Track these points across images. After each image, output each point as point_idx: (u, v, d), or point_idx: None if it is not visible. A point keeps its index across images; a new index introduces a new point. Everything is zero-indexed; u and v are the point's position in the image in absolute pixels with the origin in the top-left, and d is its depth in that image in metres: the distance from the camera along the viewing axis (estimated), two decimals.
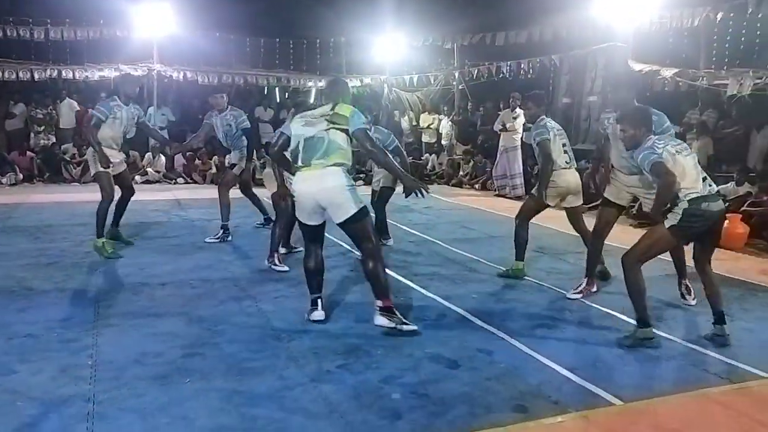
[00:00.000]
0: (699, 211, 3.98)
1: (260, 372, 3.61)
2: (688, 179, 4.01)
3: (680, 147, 4.14)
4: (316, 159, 4.19)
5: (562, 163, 5.59)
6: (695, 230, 4.07)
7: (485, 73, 14.24)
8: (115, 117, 6.31)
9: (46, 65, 13.21)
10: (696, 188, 4.01)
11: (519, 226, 5.79)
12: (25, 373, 3.51)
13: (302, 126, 4.30)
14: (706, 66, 10.68)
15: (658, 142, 4.09)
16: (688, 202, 3.98)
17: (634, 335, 4.13)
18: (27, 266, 5.84)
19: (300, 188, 4.29)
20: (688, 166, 4.05)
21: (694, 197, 3.99)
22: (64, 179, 12.63)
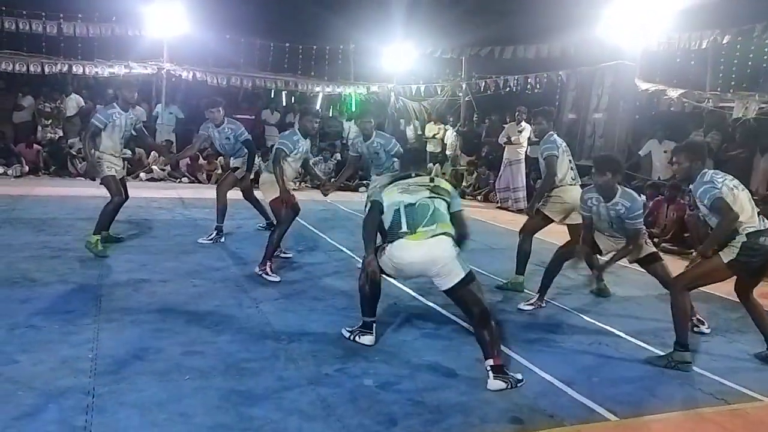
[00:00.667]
0: (758, 245, 4.01)
1: (259, 372, 3.63)
2: (745, 214, 4.04)
3: (736, 182, 4.17)
4: (423, 227, 3.90)
5: (568, 179, 5.63)
6: (753, 265, 4.09)
7: (492, 86, 14.32)
8: (114, 124, 6.31)
9: (56, 59, 13.28)
10: (753, 223, 4.04)
11: (523, 240, 5.83)
12: (26, 363, 3.54)
13: (399, 193, 4.05)
14: (712, 88, 10.74)
15: (717, 177, 4.11)
16: (747, 236, 4.01)
17: (671, 356, 4.13)
18: (30, 258, 5.87)
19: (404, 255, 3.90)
20: (744, 201, 4.08)
21: (753, 231, 4.02)
22: (70, 173, 12.67)
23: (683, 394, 3.74)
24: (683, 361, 4.09)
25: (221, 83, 14.54)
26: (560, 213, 5.65)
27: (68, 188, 10.78)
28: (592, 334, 4.77)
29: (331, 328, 4.47)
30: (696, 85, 10.89)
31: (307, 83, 15.81)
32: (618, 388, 3.77)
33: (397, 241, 3.93)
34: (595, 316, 5.15)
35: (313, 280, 5.80)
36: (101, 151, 6.30)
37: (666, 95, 10.62)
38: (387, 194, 4.11)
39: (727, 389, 3.84)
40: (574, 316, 5.17)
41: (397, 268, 3.99)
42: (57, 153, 12.89)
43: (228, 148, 7.30)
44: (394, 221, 3.99)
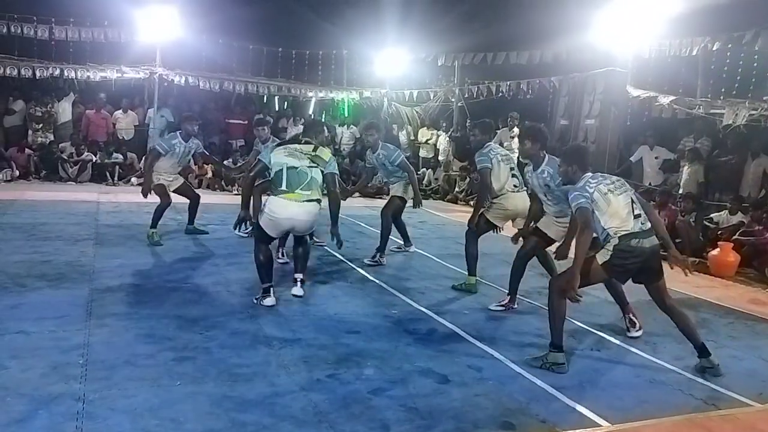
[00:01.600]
0: (629, 248, 4.03)
1: (251, 378, 3.62)
2: (617, 218, 4.06)
3: (615, 185, 4.17)
4: (301, 190, 4.95)
5: (510, 187, 5.76)
6: (628, 266, 4.10)
7: (485, 92, 14.36)
8: (174, 153, 7.32)
9: (48, 63, 13.21)
10: (626, 226, 4.05)
11: (468, 243, 5.93)
12: (15, 369, 3.51)
13: (285, 156, 5.02)
14: (702, 95, 10.81)
15: (592, 182, 4.15)
16: (619, 239, 4.03)
17: (545, 358, 4.12)
18: (20, 263, 5.84)
19: (280, 211, 4.98)
20: (620, 205, 4.09)
21: (625, 234, 4.04)
22: (61, 178, 12.61)
23: (674, 400, 3.75)
24: (556, 362, 4.08)
25: (214, 88, 14.49)
26: (503, 219, 5.85)
27: (59, 193, 10.73)
28: (583, 339, 4.78)
29: (323, 334, 4.47)
30: (687, 91, 10.95)
31: (300, 88, 15.80)
32: (610, 394, 3.78)
33: (276, 198, 4.97)
34: (586, 322, 5.16)
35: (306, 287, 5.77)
36: (154, 169, 7.29)
37: (657, 102, 10.68)
38: (275, 155, 5.05)
39: (718, 395, 3.86)
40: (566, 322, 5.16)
41: (273, 221, 5.00)
42: (48, 157, 12.83)
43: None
44: (276, 179, 4.99)
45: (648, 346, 4.66)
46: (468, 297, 5.76)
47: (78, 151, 12.88)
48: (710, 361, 4.16)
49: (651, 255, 4.12)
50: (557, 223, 5.12)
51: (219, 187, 13.18)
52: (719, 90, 10.83)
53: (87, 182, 12.68)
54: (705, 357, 4.18)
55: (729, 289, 6.88)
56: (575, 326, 5.08)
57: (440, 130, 15.85)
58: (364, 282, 6.12)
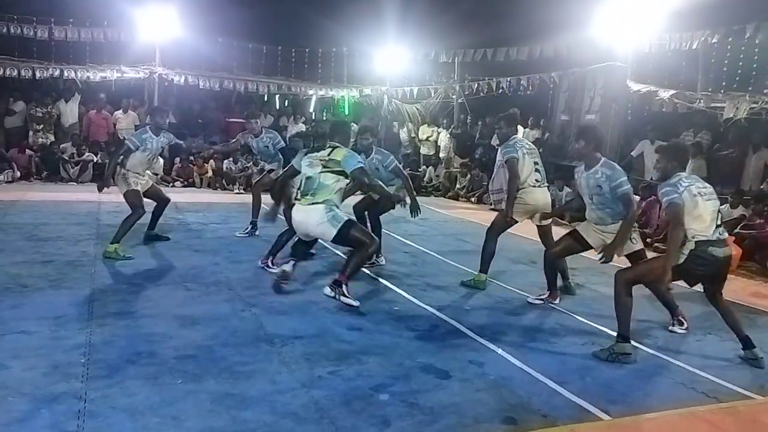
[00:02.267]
0: (705, 254, 4.07)
1: (252, 375, 3.62)
2: (701, 222, 4.09)
3: (705, 191, 4.20)
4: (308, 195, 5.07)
5: (531, 181, 5.71)
6: (697, 272, 4.16)
7: (485, 88, 14.36)
8: (146, 148, 6.70)
9: (48, 64, 13.23)
10: (707, 233, 4.09)
11: (488, 240, 5.87)
12: (17, 368, 3.52)
13: (306, 165, 5.16)
14: (703, 89, 10.79)
15: (684, 181, 4.15)
16: (695, 244, 4.07)
17: (611, 349, 4.18)
18: (22, 263, 5.84)
19: (294, 216, 5.20)
20: (705, 210, 4.11)
21: (702, 240, 4.07)
22: (62, 178, 12.62)
23: (676, 393, 3.75)
24: (624, 352, 4.14)
25: (214, 87, 14.51)
26: (522, 214, 5.76)
27: (60, 193, 10.73)
28: (584, 334, 4.78)
29: (324, 331, 4.47)
30: (687, 85, 10.94)
31: (300, 86, 15.81)
32: (611, 388, 3.78)
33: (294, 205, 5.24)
34: (588, 316, 5.16)
35: (306, 284, 5.79)
36: (127, 169, 6.63)
37: (658, 96, 10.67)
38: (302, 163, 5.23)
39: (720, 388, 3.85)
40: (567, 317, 5.18)
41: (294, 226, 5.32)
42: (49, 158, 12.84)
43: (265, 154, 8.16)
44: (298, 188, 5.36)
45: (650, 340, 4.66)
46: (469, 293, 5.76)
47: (79, 152, 12.89)
48: (753, 353, 4.26)
49: (723, 264, 4.18)
50: (597, 231, 5.02)
51: (220, 186, 13.19)
52: (720, 83, 10.81)
53: (88, 182, 12.68)
54: (749, 349, 4.28)
55: (730, 283, 6.79)
56: (577, 320, 5.08)
57: (441, 127, 15.84)
58: (364, 279, 6.12)
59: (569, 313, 5.26)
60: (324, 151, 5.15)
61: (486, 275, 5.91)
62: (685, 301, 5.91)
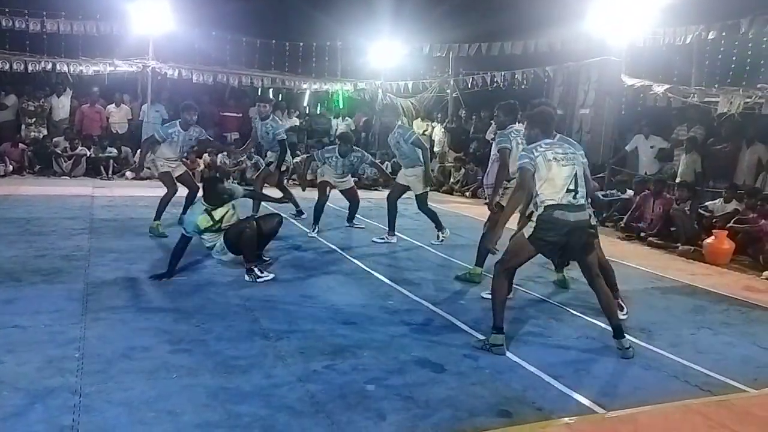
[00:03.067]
0: (550, 218, 4.00)
1: (247, 369, 3.62)
2: (550, 187, 4.03)
3: (563, 155, 4.09)
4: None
5: None
6: (551, 240, 4.06)
7: (479, 82, 14.35)
8: (172, 141, 7.32)
9: (40, 57, 13.15)
10: (554, 198, 4.01)
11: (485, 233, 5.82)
12: (11, 363, 3.50)
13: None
14: (697, 83, 10.82)
15: (542, 146, 4.10)
16: (544, 209, 4.03)
17: (486, 340, 4.17)
18: (15, 258, 5.82)
19: None
20: (558, 176, 4.03)
21: (550, 204, 4.02)
22: (55, 172, 12.56)
23: (670, 386, 3.77)
24: (496, 344, 4.10)
25: (207, 81, 14.46)
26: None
27: (53, 187, 10.69)
28: (579, 327, 4.80)
29: (319, 325, 4.47)
30: (681, 80, 10.96)
31: (294, 80, 15.76)
32: (605, 381, 3.80)
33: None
34: (582, 310, 5.17)
35: (302, 278, 5.79)
36: (156, 156, 7.40)
37: (651, 90, 10.69)
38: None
39: (713, 381, 3.87)
40: (561, 310, 5.19)
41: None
42: (42, 152, 12.77)
43: (266, 141, 8.32)
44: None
45: (643, 333, 4.67)
46: (465, 288, 5.76)
47: (72, 146, 12.83)
48: (621, 343, 4.16)
49: (576, 230, 4.05)
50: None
51: None
52: (714, 78, 10.84)
53: (81, 176, 12.63)
54: (618, 339, 4.17)
55: (724, 277, 6.91)
56: (571, 314, 5.10)
57: (435, 121, 15.83)
58: (359, 273, 6.12)
59: (563, 307, 5.27)
60: None
61: (481, 269, 5.92)
62: (676, 294, 5.96)
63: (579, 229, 4.07)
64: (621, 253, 7.50)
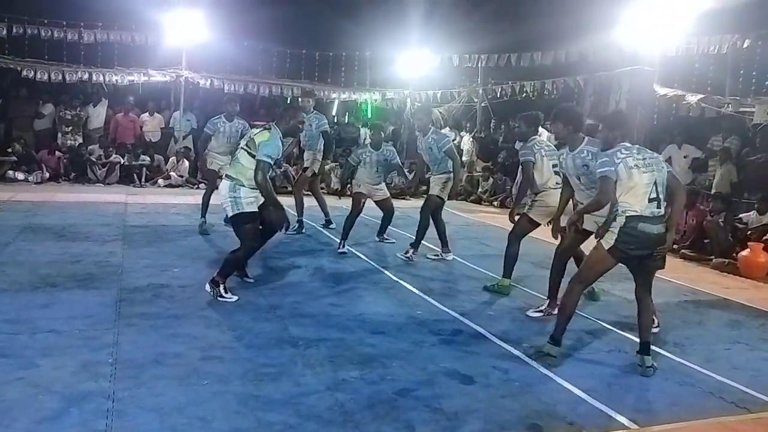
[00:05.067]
0: (635, 231, 3.92)
1: (277, 377, 3.64)
2: (632, 196, 3.94)
3: (643, 162, 3.98)
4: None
5: (552, 184, 5.61)
6: (631, 252, 3.99)
7: (508, 92, 14.28)
8: (219, 131, 7.62)
9: (77, 67, 13.46)
10: (637, 208, 3.93)
11: (510, 244, 5.81)
12: (47, 367, 3.58)
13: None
14: (732, 93, 10.62)
15: (623, 152, 3.99)
16: (625, 219, 3.93)
17: (541, 348, 4.18)
18: (51, 264, 5.94)
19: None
20: (640, 184, 3.94)
21: (632, 215, 3.93)
22: (89, 180, 12.82)
23: (705, 403, 3.69)
24: (551, 354, 4.11)
25: (238, 90, 14.63)
26: (546, 216, 5.64)
27: (88, 194, 10.90)
28: (610, 341, 4.73)
29: (348, 334, 4.48)
30: (715, 90, 10.78)
31: (324, 90, 15.86)
32: (638, 396, 3.74)
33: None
34: (614, 323, 5.10)
35: (330, 287, 5.81)
36: (208, 150, 7.77)
37: (685, 100, 10.52)
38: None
39: (750, 398, 3.78)
40: (592, 323, 5.12)
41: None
42: (77, 160, 13.05)
43: (308, 136, 8.09)
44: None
45: (677, 348, 4.59)
46: (494, 298, 5.73)
47: (106, 154, 13.08)
48: (643, 360, 4.08)
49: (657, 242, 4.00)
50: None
51: None
52: (749, 88, 10.63)
53: (115, 184, 12.86)
54: (642, 355, 4.10)
55: (760, 291, 6.75)
56: (602, 327, 5.02)
57: (464, 130, 15.79)
58: (387, 283, 6.12)
59: (594, 320, 5.20)
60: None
61: (509, 280, 5.87)
62: (710, 308, 5.84)
63: (659, 242, 4.02)
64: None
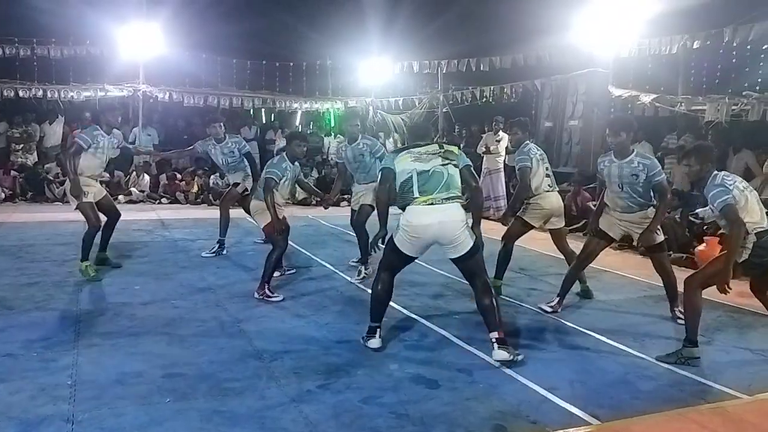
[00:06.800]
0: (767, 244, 4.15)
1: (241, 392, 3.61)
2: (755, 214, 4.17)
3: (746, 183, 4.31)
4: (437, 192, 4.19)
5: (545, 186, 5.81)
6: (765, 263, 4.23)
7: (469, 97, 14.45)
8: (98, 146, 6.31)
9: (31, 84, 13.19)
10: (762, 223, 4.17)
11: (504, 246, 5.98)
12: (3, 392, 3.49)
13: (412, 161, 4.27)
14: (684, 92, 10.93)
15: (728, 179, 4.21)
16: (756, 236, 4.14)
17: (680, 353, 4.26)
18: (7, 285, 5.80)
19: (419, 220, 4.19)
20: (753, 202, 4.21)
21: (762, 231, 4.15)
22: (47, 198, 12.54)
23: (664, 395, 3.77)
24: (692, 356, 4.23)
25: (198, 103, 14.51)
26: (539, 219, 5.86)
27: (45, 214, 10.66)
28: (573, 338, 4.80)
29: (313, 345, 4.47)
30: (668, 89, 11.07)
31: (285, 100, 15.84)
32: (600, 392, 3.80)
33: (410, 207, 4.23)
34: (576, 321, 5.18)
35: (295, 297, 5.78)
36: (79, 173, 6.20)
37: (639, 101, 10.79)
38: (399, 162, 4.31)
39: (707, 388, 3.88)
40: (555, 321, 5.20)
41: (412, 235, 4.24)
42: (33, 179, 12.76)
43: (231, 162, 7.55)
44: (406, 188, 4.25)
45: (636, 342, 4.68)
46: (457, 302, 5.77)
47: (64, 171, 12.81)
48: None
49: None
50: (619, 220, 5.22)
51: (207, 201, 13.14)
52: (700, 86, 10.95)
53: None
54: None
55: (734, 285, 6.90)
56: (565, 326, 5.10)
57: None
58: (352, 290, 6.12)
59: (556, 318, 5.28)
60: (431, 146, 4.36)
61: (501, 281, 6.01)
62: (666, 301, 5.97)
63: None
64: (614, 262, 7.52)
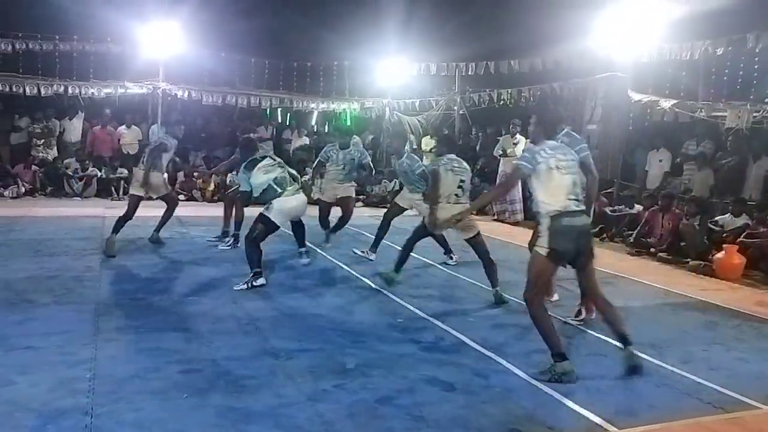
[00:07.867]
0: (561, 227, 3.97)
1: (257, 389, 3.63)
2: (553, 196, 4.02)
3: (565, 163, 4.07)
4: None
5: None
6: (567, 247, 4.02)
7: (486, 99, 14.40)
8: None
9: (52, 80, 13.32)
10: (557, 206, 3.99)
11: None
12: (23, 384, 3.53)
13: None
14: (704, 98, 10.81)
15: (545, 152, 4.08)
16: (550, 220, 3.99)
17: (552, 369, 3.96)
18: (27, 279, 5.87)
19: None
20: (561, 184, 4.02)
21: (555, 214, 3.99)
22: (66, 194, 12.68)
23: (682, 404, 3.74)
24: (565, 371, 3.93)
25: (216, 102, 14.58)
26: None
27: (64, 208, 10.78)
28: (589, 344, 4.78)
29: (329, 344, 4.48)
30: (688, 95, 10.96)
31: (302, 100, 15.87)
32: (617, 399, 3.77)
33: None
34: (592, 327, 5.15)
35: (311, 297, 5.80)
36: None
37: (659, 106, 10.69)
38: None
39: (726, 398, 3.84)
40: (572, 327, 5.17)
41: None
42: (53, 174, 12.90)
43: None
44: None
45: (654, 350, 4.64)
46: (473, 305, 5.76)
47: (83, 167, 12.96)
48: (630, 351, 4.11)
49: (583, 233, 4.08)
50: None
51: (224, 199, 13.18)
52: (721, 93, 10.83)
53: (92, 197, 12.74)
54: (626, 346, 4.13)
55: (735, 292, 6.86)
56: (582, 332, 5.07)
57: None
58: (369, 291, 6.13)
59: (573, 325, 5.24)
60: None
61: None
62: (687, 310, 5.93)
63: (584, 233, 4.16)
64: (630, 268, 7.47)
